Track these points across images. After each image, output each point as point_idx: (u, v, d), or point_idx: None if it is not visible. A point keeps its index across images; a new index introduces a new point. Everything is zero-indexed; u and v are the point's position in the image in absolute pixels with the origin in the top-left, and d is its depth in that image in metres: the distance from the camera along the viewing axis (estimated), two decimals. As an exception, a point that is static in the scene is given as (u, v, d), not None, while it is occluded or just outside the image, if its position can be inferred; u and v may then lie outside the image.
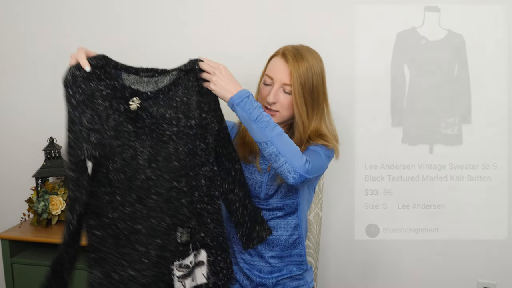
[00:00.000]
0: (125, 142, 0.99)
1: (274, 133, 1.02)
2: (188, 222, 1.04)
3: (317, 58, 1.16)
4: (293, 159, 1.02)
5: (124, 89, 0.99)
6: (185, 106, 1.03)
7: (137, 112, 0.99)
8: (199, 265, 1.08)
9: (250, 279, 1.22)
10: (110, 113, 0.98)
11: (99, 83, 0.97)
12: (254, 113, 1.02)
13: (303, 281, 1.26)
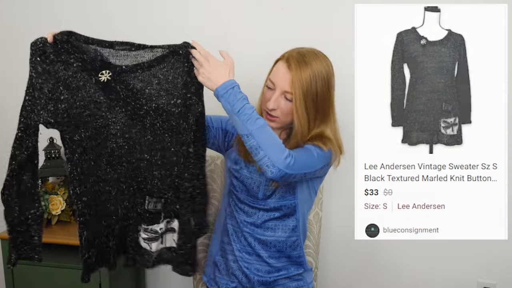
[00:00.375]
0: (96, 112, 1.06)
1: (256, 126, 1.02)
2: (161, 193, 1.13)
3: (324, 63, 1.12)
4: (273, 153, 1.02)
5: (94, 61, 1.04)
6: (169, 84, 1.08)
7: (110, 84, 1.05)
8: (171, 231, 1.17)
9: (249, 278, 1.22)
10: (81, 84, 1.04)
11: (68, 56, 1.03)
12: (237, 105, 1.02)
13: (302, 281, 1.26)
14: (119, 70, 1.06)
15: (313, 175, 1.13)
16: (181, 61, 1.07)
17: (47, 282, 1.64)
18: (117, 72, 1.05)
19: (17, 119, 1.91)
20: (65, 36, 1.03)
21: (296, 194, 1.17)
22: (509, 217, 1.18)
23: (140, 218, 1.15)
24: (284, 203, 1.17)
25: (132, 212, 1.14)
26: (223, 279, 1.26)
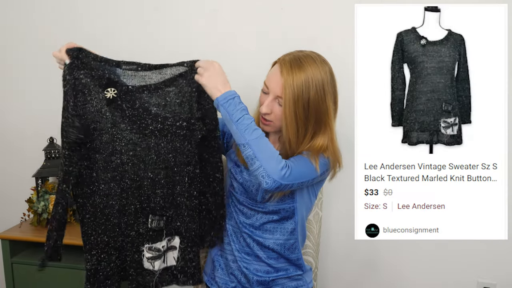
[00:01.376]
0: (102, 127, 1.10)
1: (253, 136, 1.01)
2: (164, 211, 1.17)
3: (320, 69, 1.08)
4: (268, 164, 1.01)
5: (102, 79, 1.07)
6: (176, 107, 1.12)
7: (117, 102, 1.10)
8: (172, 249, 1.20)
9: (248, 278, 1.22)
10: (88, 99, 1.09)
11: (79, 72, 1.07)
12: (235, 115, 1.02)
13: (302, 281, 1.26)
14: (125, 89, 1.10)
15: (312, 183, 1.12)
16: (189, 85, 1.10)
17: (47, 282, 1.64)
18: (123, 91, 1.09)
19: (17, 119, 1.91)
20: (75, 52, 1.06)
21: (295, 198, 1.17)
22: (509, 217, 1.18)
23: (143, 238, 1.17)
24: (282, 207, 1.17)
25: (131, 231, 1.16)
26: (222, 278, 1.26)
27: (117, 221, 1.15)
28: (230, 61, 1.71)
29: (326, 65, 1.10)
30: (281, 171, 1.01)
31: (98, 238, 1.14)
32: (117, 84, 1.09)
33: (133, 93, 1.10)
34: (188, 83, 1.10)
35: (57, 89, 1.85)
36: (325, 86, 1.07)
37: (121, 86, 1.09)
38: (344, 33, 1.54)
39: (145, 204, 1.16)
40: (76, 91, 1.07)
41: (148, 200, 1.15)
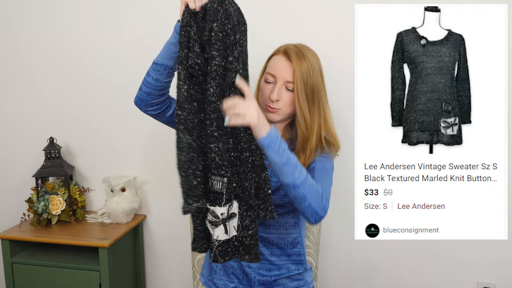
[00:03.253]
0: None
1: (301, 178, 1.00)
2: (222, 170, 1.02)
3: (315, 56, 1.18)
4: (316, 203, 1.03)
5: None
6: (220, 43, 1.00)
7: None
8: (232, 217, 1.06)
9: (249, 278, 1.22)
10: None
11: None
12: (284, 156, 0.99)
13: (303, 281, 1.26)
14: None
15: None
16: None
17: (47, 282, 1.65)
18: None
19: (17, 119, 1.90)
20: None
21: None
22: (509, 217, 1.18)
23: (207, 196, 1.04)
24: (288, 200, 1.17)
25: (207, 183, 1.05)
26: (221, 279, 1.26)
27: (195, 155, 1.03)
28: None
29: (316, 54, 1.21)
30: (325, 205, 1.06)
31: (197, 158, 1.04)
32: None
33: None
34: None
35: (57, 89, 1.86)
36: (321, 71, 1.19)
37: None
38: (344, 33, 1.54)
39: (206, 163, 1.04)
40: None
41: (206, 157, 1.03)
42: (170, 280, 1.91)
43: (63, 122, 1.86)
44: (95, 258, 1.61)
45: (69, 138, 1.87)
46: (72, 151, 1.88)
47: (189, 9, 1.01)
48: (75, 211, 1.80)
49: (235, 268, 1.23)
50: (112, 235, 1.65)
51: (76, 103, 1.84)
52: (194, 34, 1.01)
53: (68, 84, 1.83)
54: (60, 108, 1.86)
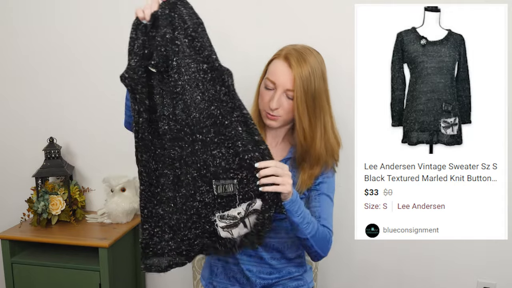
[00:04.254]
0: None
1: (312, 232, 1.09)
2: (231, 173, 1.02)
3: (318, 59, 1.14)
4: (322, 249, 1.14)
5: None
6: (191, 49, 1.00)
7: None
8: (254, 213, 1.04)
9: (250, 280, 1.22)
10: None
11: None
12: (301, 217, 1.06)
13: (302, 281, 1.26)
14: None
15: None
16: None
17: (47, 282, 1.64)
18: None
19: (17, 119, 1.90)
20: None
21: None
22: (509, 217, 1.18)
23: (211, 207, 1.04)
24: None
25: (192, 202, 1.04)
26: (221, 282, 1.25)
27: (171, 195, 1.03)
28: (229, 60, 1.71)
29: (319, 55, 1.16)
30: (329, 246, 1.16)
31: (152, 210, 1.04)
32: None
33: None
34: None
35: (57, 89, 1.86)
36: (324, 75, 1.14)
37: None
38: (344, 33, 1.54)
39: (204, 171, 1.02)
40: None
41: (206, 165, 1.02)
42: (170, 280, 1.91)
43: (63, 122, 1.86)
44: (95, 258, 1.60)
45: (69, 138, 1.87)
46: (72, 151, 1.88)
47: (138, 20, 0.99)
48: (75, 211, 1.80)
49: (235, 272, 1.23)
50: (112, 235, 1.64)
51: (76, 103, 1.84)
52: (137, 48, 0.98)
53: (68, 84, 1.83)
54: (60, 108, 1.86)
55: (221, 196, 1.03)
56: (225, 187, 1.03)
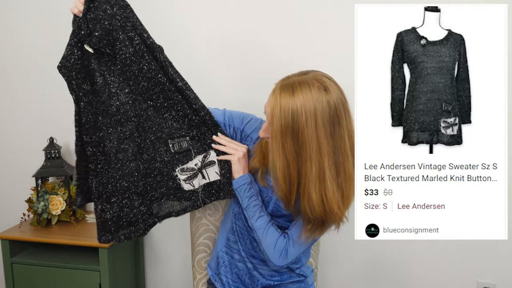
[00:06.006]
0: (95, 68, 1.07)
1: (256, 225, 1.11)
2: (183, 132, 1.16)
3: (316, 97, 0.94)
4: (269, 252, 1.12)
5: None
6: (130, 24, 1.06)
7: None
8: (210, 165, 1.20)
9: (253, 280, 1.22)
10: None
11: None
12: (244, 202, 1.12)
13: (304, 283, 1.26)
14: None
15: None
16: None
17: (47, 282, 1.65)
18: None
19: (17, 119, 1.90)
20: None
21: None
22: (509, 217, 1.18)
23: (171, 164, 1.16)
24: (287, 224, 1.18)
25: (154, 163, 1.14)
26: (226, 276, 1.25)
27: (134, 165, 1.11)
28: (229, 60, 1.71)
29: (327, 94, 0.96)
30: (279, 259, 1.12)
31: (116, 184, 1.09)
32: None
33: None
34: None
35: (57, 89, 1.86)
36: (317, 118, 0.93)
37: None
38: (344, 33, 1.54)
39: (159, 133, 1.14)
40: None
41: (160, 127, 1.14)
42: (170, 280, 1.91)
43: (63, 122, 1.86)
44: (95, 258, 1.61)
45: (69, 138, 1.87)
46: (72, 151, 1.88)
47: (74, 17, 1.04)
48: (75, 211, 1.80)
49: (239, 269, 1.23)
50: (112, 235, 1.64)
51: (76, 103, 1.84)
52: (70, 37, 1.05)
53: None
54: (60, 108, 1.86)
55: (178, 153, 1.16)
56: (180, 144, 1.16)
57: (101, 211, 1.09)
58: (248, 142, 1.20)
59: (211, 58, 1.70)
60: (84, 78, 1.06)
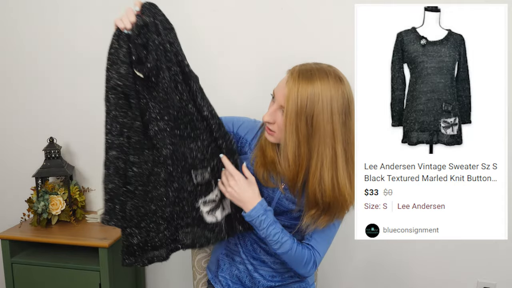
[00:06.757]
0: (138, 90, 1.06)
1: (282, 250, 1.07)
2: (205, 163, 1.14)
3: (333, 86, 1.01)
4: (298, 269, 1.10)
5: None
6: (171, 54, 1.08)
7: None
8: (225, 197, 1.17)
9: (254, 281, 1.22)
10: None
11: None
12: (262, 233, 1.07)
13: (305, 283, 1.27)
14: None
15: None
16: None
17: (47, 282, 1.65)
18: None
19: (17, 119, 1.90)
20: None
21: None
22: (509, 217, 1.18)
23: (195, 195, 1.15)
24: (295, 222, 1.16)
25: (182, 193, 1.14)
26: (226, 278, 1.25)
27: (164, 190, 1.10)
28: (229, 62, 1.71)
29: (342, 84, 1.03)
30: (311, 269, 1.12)
31: (146, 207, 1.10)
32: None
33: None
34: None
35: (57, 89, 1.86)
36: (333, 105, 0.99)
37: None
38: (344, 33, 1.54)
39: (183, 163, 1.13)
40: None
41: (185, 157, 1.13)
42: (170, 280, 1.91)
43: (63, 122, 1.86)
44: (95, 258, 1.61)
45: (69, 138, 1.87)
46: (72, 151, 1.89)
47: (119, 31, 1.04)
48: (75, 211, 1.80)
49: (240, 271, 1.23)
50: (112, 235, 1.65)
51: (76, 103, 1.84)
52: (123, 56, 1.03)
53: (68, 84, 1.83)
54: (60, 108, 1.86)
55: (200, 184, 1.15)
56: (203, 175, 1.15)
57: (128, 235, 1.10)
58: (243, 144, 1.20)
59: (210, 58, 1.70)
60: (133, 98, 1.07)
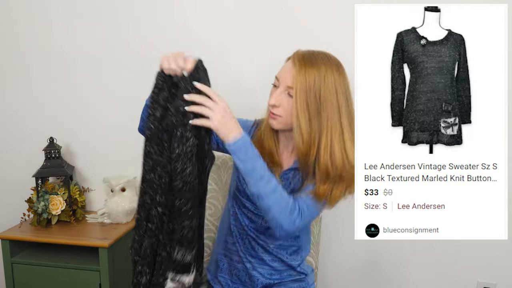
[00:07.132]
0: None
1: (268, 188, 0.99)
2: (192, 243, 1.04)
3: (334, 71, 1.07)
4: (282, 215, 1.01)
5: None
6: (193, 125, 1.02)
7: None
8: (204, 285, 1.11)
9: (252, 280, 1.22)
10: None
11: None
12: (248, 164, 0.99)
13: (304, 283, 1.27)
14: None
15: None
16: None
17: (47, 282, 1.65)
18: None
19: (17, 119, 1.90)
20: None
21: None
22: (509, 217, 1.18)
23: (167, 265, 1.04)
24: None
25: (163, 251, 1.05)
26: (225, 278, 1.26)
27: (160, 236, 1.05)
28: (229, 62, 1.71)
29: (342, 69, 1.11)
30: (294, 222, 1.03)
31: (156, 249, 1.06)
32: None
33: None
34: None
35: (57, 89, 1.86)
36: (336, 84, 1.07)
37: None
38: (344, 33, 1.54)
39: (171, 236, 1.04)
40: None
41: (174, 232, 1.03)
42: (170, 280, 1.91)
43: (63, 122, 1.86)
44: (95, 258, 1.61)
45: (69, 138, 1.87)
46: (72, 151, 1.89)
47: (163, 75, 0.99)
48: (75, 211, 1.80)
49: (239, 270, 1.23)
50: (112, 235, 1.65)
51: (76, 103, 1.84)
52: (162, 100, 0.99)
53: (68, 84, 1.83)
54: (60, 108, 1.86)
55: (178, 261, 1.02)
56: (184, 256, 1.02)
57: (138, 273, 1.05)
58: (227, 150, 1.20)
59: (210, 58, 1.70)
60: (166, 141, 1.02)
